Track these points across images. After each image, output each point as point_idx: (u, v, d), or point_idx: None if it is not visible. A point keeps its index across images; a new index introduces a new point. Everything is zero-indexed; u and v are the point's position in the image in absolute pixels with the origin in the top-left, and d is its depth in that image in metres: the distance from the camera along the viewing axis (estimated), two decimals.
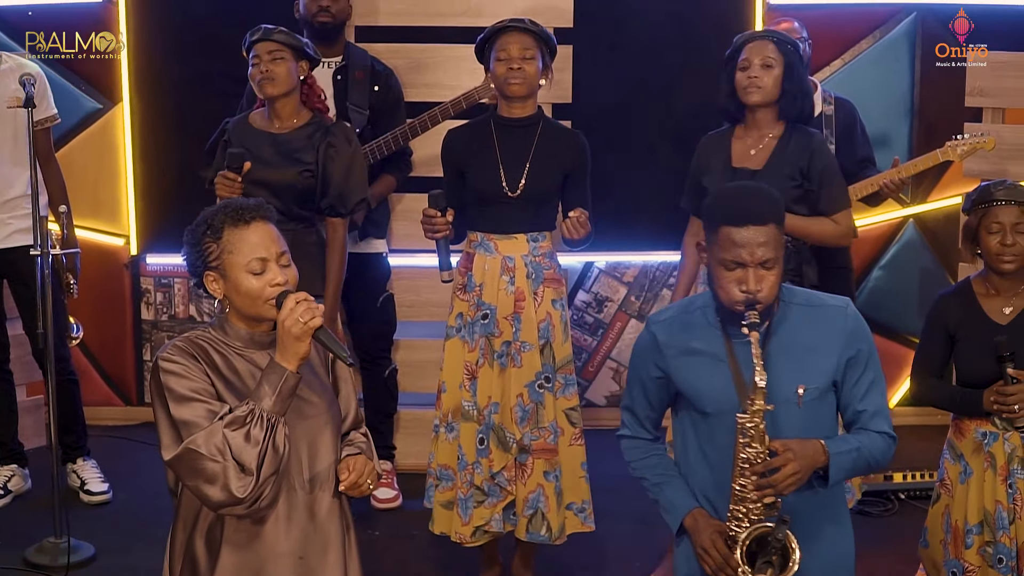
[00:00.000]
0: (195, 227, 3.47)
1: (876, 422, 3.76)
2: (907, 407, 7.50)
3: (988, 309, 4.70)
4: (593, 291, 7.50)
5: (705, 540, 3.69)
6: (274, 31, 5.41)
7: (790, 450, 3.55)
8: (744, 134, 5.27)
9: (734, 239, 3.54)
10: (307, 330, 3.31)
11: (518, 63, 5.07)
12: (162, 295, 7.50)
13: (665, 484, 3.87)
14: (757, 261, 3.55)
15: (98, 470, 6.46)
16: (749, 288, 3.54)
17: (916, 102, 7.40)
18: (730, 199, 3.69)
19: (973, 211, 4.70)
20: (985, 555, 4.67)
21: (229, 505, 3.26)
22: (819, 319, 3.73)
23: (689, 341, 3.75)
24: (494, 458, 5.13)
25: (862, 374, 3.74)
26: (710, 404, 3.72)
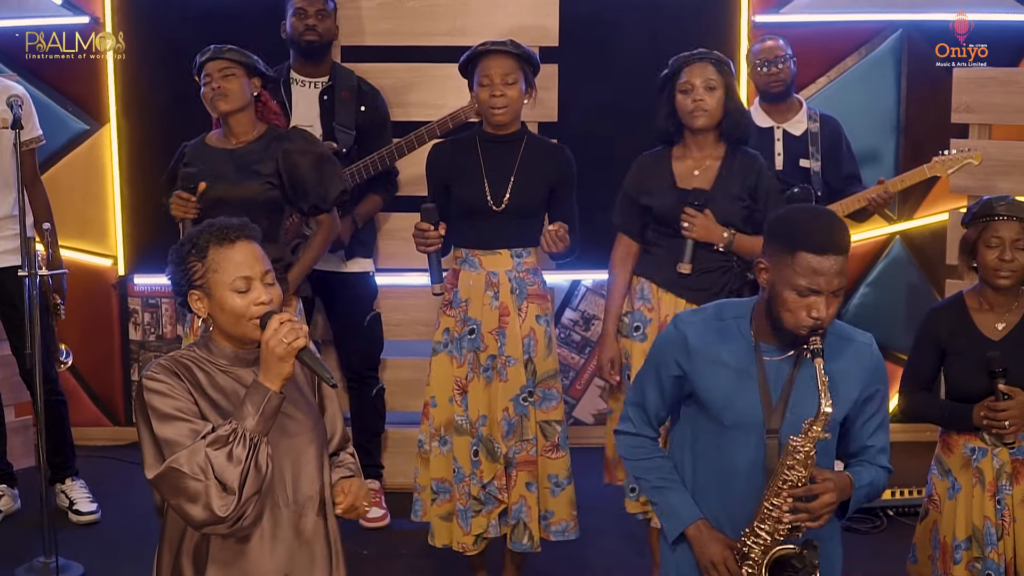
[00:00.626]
0: (180, 246, 3.47)
1: (881, 458, 3.85)
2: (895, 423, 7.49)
3: (981, 324, 4.69)
4: (580, 309, 7.50)
5: (715, 554, 3.71)
6: (224, 49, 5.41)
7: (830, 479, 3.60)
8: (684, 154, 5.29)
9: (815, 267, 3.53)
10: (291, 351, 3.31)
11: (500, 89, 5.09)
12: (149, 315, 7.49)
13: (668, 489, 3.87)
14: (832, 289, 3.55)
15: (86, 490, 6.45)
16: (821, 315, 3.54)
17: (902, 119, 7.42)
18: (811, 225, 3.63)
19: (973, 224, 4.69)
20: (973, 571, 4.68)
21: (211, 524, 3.26)
22: (847, 352, 3.75)
23: (720, 351, 3.75)
24: (484, 469, 5.15)
25: (876, 411, 3.80)
26: (731, 417, 3.72)
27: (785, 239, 3.61)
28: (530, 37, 6.50)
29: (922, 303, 7.21)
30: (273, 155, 5.42)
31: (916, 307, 7.37)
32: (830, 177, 6.39)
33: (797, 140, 6.41)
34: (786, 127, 6.41)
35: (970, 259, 4.72)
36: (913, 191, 7.40)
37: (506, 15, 6.74)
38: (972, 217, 4.71)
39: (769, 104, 6.43)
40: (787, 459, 3.60)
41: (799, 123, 6.41)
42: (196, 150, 5.54)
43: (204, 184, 5.35)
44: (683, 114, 5.18)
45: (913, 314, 7.36)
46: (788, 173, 6.28)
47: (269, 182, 5.40)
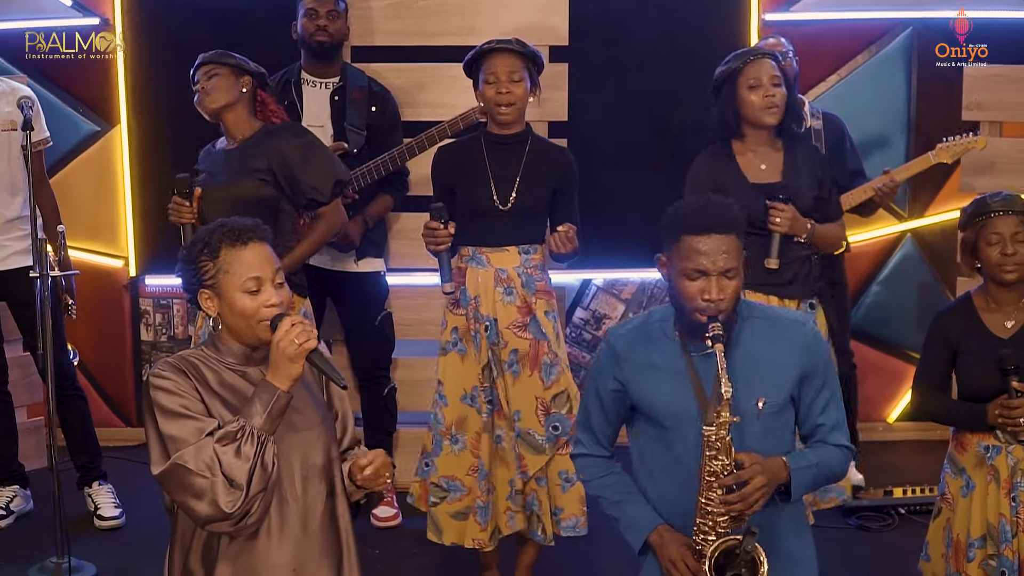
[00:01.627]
0: (191, 245, 3.48)
1: (834, 435, 3.77)
2: (906, 422, 7.53)
3: (990, 323, 4.69)
4: (591, 308, 7.50)
5: (673, 553, 3.67)
6: (209, 55, 5.45)
7: (757, 463, 3.55)
8: (744, 150, 5.29)
9: (697, 248, 3.55)
10: (301, 352, 3.32)
11: (506, 86, 5.11)
12: (161, 316, 7.50)
13: (625, 502, 3.85)
14: (719, 270, 3.55)
15: (113, 495, 6.45)
16: (712, 297, 3.54)
17: (913, 116, 7.41)
18: (690, 209, 3.68)
19: (970, 225, 4.69)
20: (987, 568, 4.67)
21: (216, 520, 3.27)
22: (778, 334, 3.73)
23: (648, 355, 3.75)
24: (528, 463, 5.18)
25: (821, 388, 3.75)
26: (669, 418, 3.70)
27: (670, 228, 3.64)
28: (540, 36, 6.50)
29: (933, 301, 7.22)
30: (265, 150, 5.41)
31: (927, 305, 7.36)
32: (835, 174, 6.39)
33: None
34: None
35: (973, 260, 4.72)
36: (923, 189, 7.41)
37: (515, 14, 6.75)
38: (968, 218, 4.71)
39: None
40: (706, 450, 3.57)
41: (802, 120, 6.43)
42: (206, 154, 5.57)
43: (199, 189, 5.37)
44: (752, 110, 5.19)
45: (924, 312, 7.36)
46: None
47: (261, 178, 5.38)
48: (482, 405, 5.21)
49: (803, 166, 5.26)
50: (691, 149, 5.56)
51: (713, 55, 5.52)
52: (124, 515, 6.37)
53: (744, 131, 5.27)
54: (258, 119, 5.52)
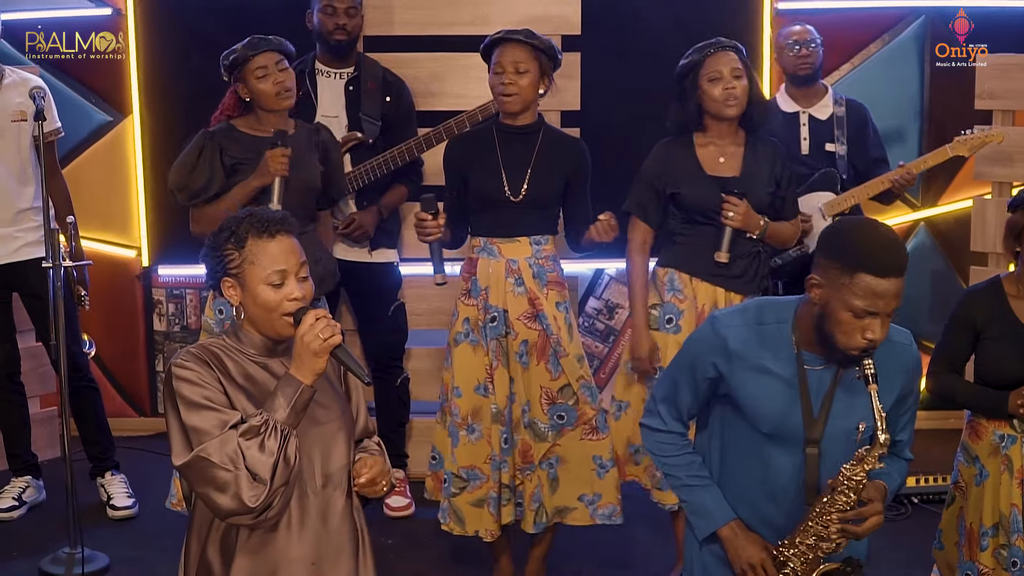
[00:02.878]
0: (219, 232, 3.47)
1: (907, 452, 3.86)
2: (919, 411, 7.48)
3: (1018, 311, 4.67)
4: (604, 298, 7.50)
5: (754, 556, 3.70)
6: (274, 41, 5.41)
7: (877, 501, 3.60)
8: (706, 142, 5.30)
9: (875, 289, 3.42)
10: (326, 347, 3.31)
11: (511, 77, 5.10)
12: (174, 306, 7.51)
13: (700, 488, 3.84)
14: (889, 311, 3.47)
15: (126, 484, 6.47)
16: (876, 337, 3.46)
17: (926, 104, 7.40)
18: (873, 245, 3.50)
19: (1021, 209, 4.66)
20: (999, 558, 4.67)
21: (238, 514, 3.27)
22: (889, 354, 3.66)
23: (762, 358, 3.69)
24: (534, 450, 5.21)
25: (909, 407, 3.79)
26: (769, 425, 3.69)
27: (845, 258, 3.48)
28: (552, 25, 6.49)
29: (947, 290, 7.21)
30: (315, 146, 5.48)
31: (941, 294, 7.35)
32: (857, 161, 6.41)
33: (823, 124, 6.43)
34: (812, 112, 6.44)
35: (1015, 244, 4.69)
36: (936, 178, 7.40)
37: (528, 3, 6.74)
38: (1020, 202, 4.67)
39: (796, 88, 6.46)
40: (837, 485, 3.57)
41: (825, 107, 6.43)
42: (233, 140, 5.45)
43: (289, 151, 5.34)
44: (712, 103, 5.18)
45: (938, 301, 7.35)
46: (813, 157, 6.31)
47: (320, 170, 5.47)
48: (492, 398, 5.21)
49: (762, 162, 5.27)
50: None
51: None
52: (137, 505, 6.38)
53: (706, 124, 5.28)
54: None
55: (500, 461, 5.20)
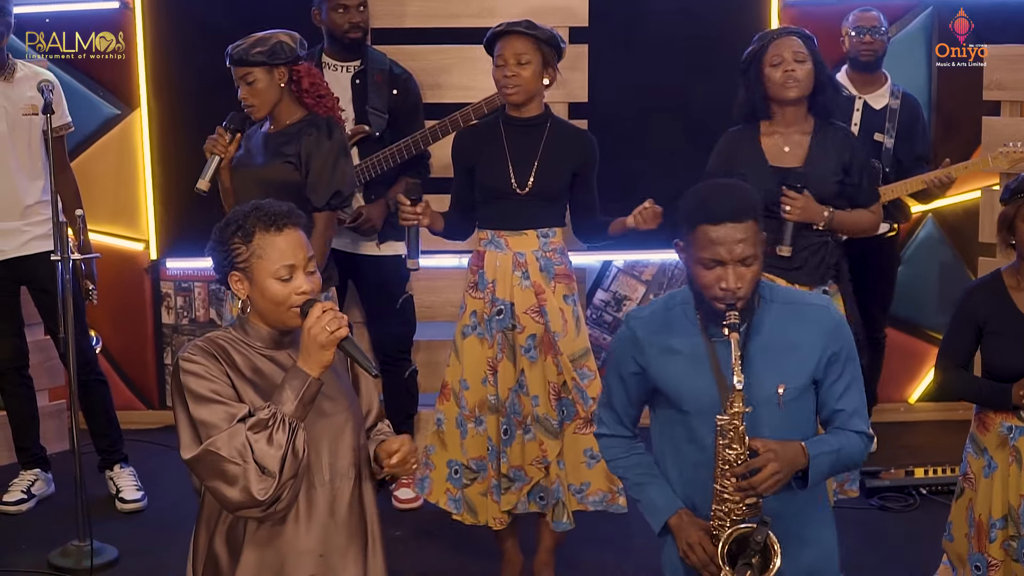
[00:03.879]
0: (225, 226, 3.46)
1: (854, 421, 3.73)
2: (928, 402, 7.53)
3: (1019, 302, 4.67)
4: (612, 290, 7.50)
5: (691, 536, 3.68)
6: (237, 52, 5.36)
7: (771, 451, 3.53)
8: (771, 131, 5.27)
9: (712, 237, 3.51)
10: (333, 340, 3.32)
11: (512, 69, 5.10)
12: (182, 299, 7.51)
13: (647, 484, 3.85)
14: (736, 258, 3.51)
15: (135, 478, 6.47)
16: (729, 286, 3.51)
17: (933, 97, 7.38)
18: (706, 196, 3.65)
19: (1012, 201, 4.66)
20: (1008, 549, 4.67)
21: (247, 507, 3.27)
22: (800, 317, 3.70)
23: (669, 339, 3.73)
24: (547, 448, 5.20)
25: (841, 373, 3.71)
26: (690, 403, 3.69)
27: (686, 215, 3.61)
28: (559, 17, 6.50)
29: (955, 281, 7.20)
30: (299, 138, 5.42)
31: (949, 286, 7.34)
32: (902, 155, 6.43)
33: (876, 114, 6.48)
34: (868, 99, 6.50)
35: (1008, 236, 4.69)
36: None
37: None
38: (1011, 194, 4.67)
39: (855, 73, 6.55)
40: (719, 439, 3.57)
41: (881, 97, 6.50)
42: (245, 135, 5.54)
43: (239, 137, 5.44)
44: (774, 87, 5.17)
45: (946, 293, 7.35)
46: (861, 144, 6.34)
47: (290, 162, 5.41)
48: (490, 389, 5.23)
49: (830, 150, 5.22)
50: (713, 129, 5.55)
51: (734, 35, 5.54)
52: (146, 498, 6.39)
53: (772, 112, 5.25)
54: (304, 107, 5.52)
55: (499, 451, 5.21)
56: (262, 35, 5.39)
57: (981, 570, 4.75)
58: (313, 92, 5.52)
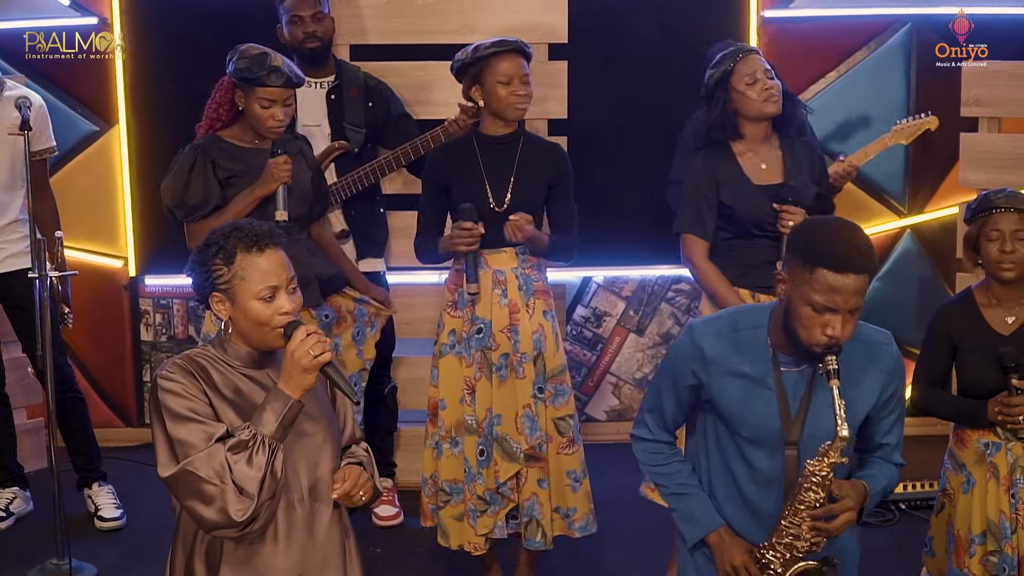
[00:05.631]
0: (205, 247, 3.45)
1: (896, 454, 3.84)
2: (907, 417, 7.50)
3: (990, 319, 4.70)
4: (592, 306, 7.50)
5: (736, 559, 3.72)
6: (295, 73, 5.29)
7: (849, 498, 3.60)
8: (744, 150, 5.26)
9: (833, 285, 3.46)
10: (316, 364, 3.31)
11: (521, 88, 5.14)
12: (161, 316, 7.49)
13: (688, 495, 3.87)
14: (849, 308, 3.49)
15: (114, 495, 6.43)
16: (836, 335, 3.49)
17: (912, 112, 7.40)
18: (833, 241, 3.55)
19: (974, 220, 4.70)
20: (988, 564, 4.68)
21: (223, 527, 3.27)
22: (865, 355, 3.70)
23: (738, 363, 3.71)
24: (500, 469, 5.18)
25: (894, 409, 3.78)
26: (748, 428, 3.70)
27: (807, 254, 3.53)
28: (540, 34, 6.50)
29: (933, 296, 7.22)
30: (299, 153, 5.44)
31: (927, 300, 7.36)
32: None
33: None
34: None
35: (975, 255, 4.73)
36: (922, 185, 7.41)
37: (515, 13, 6.72)
38: (972, 213, 4.72)
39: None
40: (804, 482, 3.59)
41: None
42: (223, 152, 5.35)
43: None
44: (753, 104, 5.16)
45: (924, 307, 7.36)
46: None
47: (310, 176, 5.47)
48: (467, 408, 5.22)
49: (802, 162, 5.25)
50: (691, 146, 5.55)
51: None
52: (125, 516, 6.36)
53: (743, 130, 5.25)
54: None
55: (475, 473, 5.20)
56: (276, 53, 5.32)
57: None
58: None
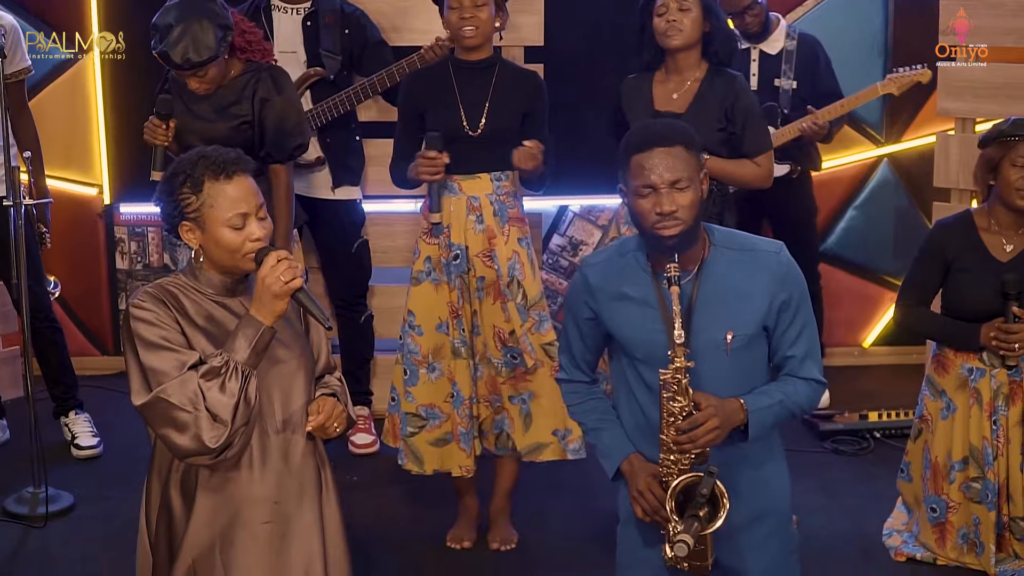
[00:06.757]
0: (172, 176, 3.44)
1: (805, 367, 3.74)
2: (882, 347, 7.57)
3: (989, 244, 4.71)
4: (568, 235, 7.49)
5: (640, 483, 3.70)
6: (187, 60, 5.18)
7: (712, 406, 3.56)
8: (665, 78, 5.26)
9: (642, 164, 3.56)
10: (287, 290, 3.32)
11: (470, 11, 5.07)
12: (136, 244, 7.47)
13: (602, 429, 3.87)
14: (667, 182, 3.54)
15: (90, 424, 6.43)
16: (663, 210, 3.52)
17: (889, 41, 7.38)
18: (634, 131, 3.74)
19: (997, 143, 4.69)
20: (969, 491, 4.71)
21: (197, 454, 3.28)
22: (751, 263, 3.70)
23: (621, 285, 3.73)
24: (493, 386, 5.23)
25: (793, 319, 3.71)
26: (640, 348, 3.70)
27: (621, 153, 3.66)
28: None
29: (909, 226, 7.24)
30: (249, 96, 5.38)
31: (903, 230, 7.38)
32: (807, 95, 6.44)
33: (773, 59, 6.50)
34: (762, 47, 6.54)
35: (989, 176, 4.72)
36: (899, 114, 7.40)
37: None
38: (998, 134, 4.70)
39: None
40: (663, 391, 3.58)
41: (775, 42, 6.54)
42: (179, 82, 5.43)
43: (175, 121, 5.32)
44: (659, 35, 5.15)
45: (900, 237, 7.39)
46: (761, 93, 6.34)
47: (245, 122, 5.37)
48: (453, 333, 5.22)
49: (714, 98, 5.20)
50: None
51: None
52: (102, 444, 6.37)
53: (667, 60, 5.24)
54: (239, 59, 5.45)
55: (471, 396, 5.23)
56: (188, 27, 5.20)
57: (938, 512, 4.80)
58: (247, 47, 5.48)
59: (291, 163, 5.56)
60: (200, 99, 5.37)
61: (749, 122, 5.24)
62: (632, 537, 3.86)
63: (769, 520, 3.81)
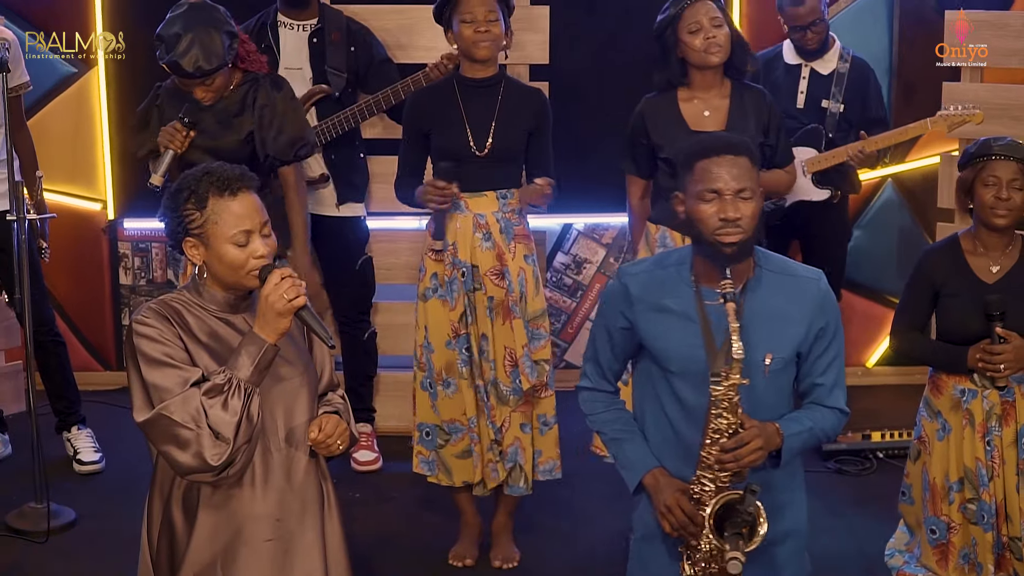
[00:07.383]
0: (177, 192, 3.44)
1: (833, 396, 3.78)
2: (885, 366, 7.56)
3: (975, 267, 4.71)
4: (572, 253, 7.49)
5: (668, 498, 3.68)
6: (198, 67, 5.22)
7: (755, 426, 3.58)
8: (689, 96, 5.23)
9: (709, 169, 3.57)
10: (291, 308, 3.31)
11: (484, 26, 5.08)
12: (140, 259, 7.47)
13: (624, 441, 3.87)
14: (733, 190, 3.56)
15: (92, 439, 6.42)
16: (728, 216, 3.53)
17: (894, 62, 7.39)
18: (701, 140, 3.74)
19: (971, 164, 4.71)
20: (966, 512, 4.70)
21: (199, 472, 3.27)
22: (791, 288, 3.72)
23: (661, 297, 3.73)
24: (496, 413, 5.21)
25: (827, 347, 3.74)
26: (676, 363, 3.70)
27: (683, 161, 3.68)
28: None
29: (913, 246, 7.22)
30: (251, 104, 5.40)
31: (907, 250, 7.37)
32: (854, 119, 6.40)
33: (823, 80, 6.44)
34: (814, 66, 6.47)
35: (967, 199, 4.74)
36: None
37: None
38: (970, 157, 4.72)
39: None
40: (712, 407, 3.59)
41: (828, 62, 6.47)
42: (173, 95, 5.46)
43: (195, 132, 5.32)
44: (695, 53, 5.11)
45: (904, 257, 7.38)
46: (807, 111, 6.34)
47: (246, 137, 5.40)
48: (459, 351, 5.22)
49: (749, 112, 5.21)
50: None
51: None
52: (104, 459, 6.36)
53: (690, 77, 5.22)
54: (239, 69, 5.46)
55: (474, 415, 5.23)
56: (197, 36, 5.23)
57: (938, 533, 4.78)
58: (247, 56, 5.51)
59: (299, 165, 5.58)
60: (202, 112, 5.38)
61: (781, 134, 5.31)
62: (649, 552, 3.87)
63: (787, 544, 3.84)
